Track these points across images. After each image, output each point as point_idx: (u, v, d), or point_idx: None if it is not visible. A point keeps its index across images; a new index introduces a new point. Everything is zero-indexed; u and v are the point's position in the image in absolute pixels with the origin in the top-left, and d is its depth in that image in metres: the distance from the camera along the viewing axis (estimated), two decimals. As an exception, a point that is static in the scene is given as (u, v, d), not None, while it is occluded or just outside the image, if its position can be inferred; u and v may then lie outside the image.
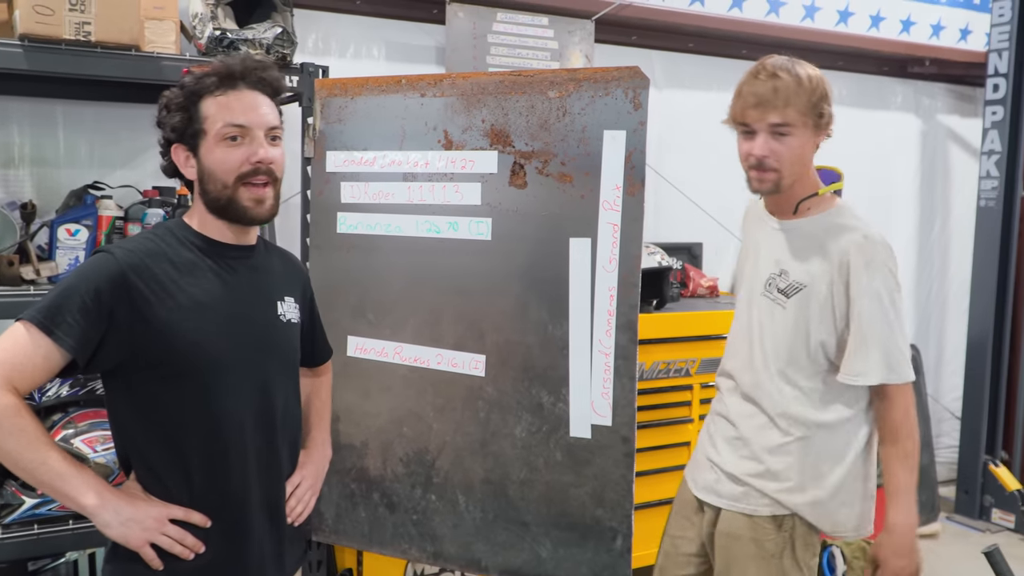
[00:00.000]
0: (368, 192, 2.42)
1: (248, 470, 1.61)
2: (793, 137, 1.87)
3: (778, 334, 1.96)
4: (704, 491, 2.07)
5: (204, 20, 2.60)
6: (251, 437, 1.61)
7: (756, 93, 1.86)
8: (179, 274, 1.55)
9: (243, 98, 1.57)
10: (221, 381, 1.56)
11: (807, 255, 1.94)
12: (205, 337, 1.54)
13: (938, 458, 4.79)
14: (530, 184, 2.23)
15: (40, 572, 2.57)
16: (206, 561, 1.56)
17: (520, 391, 2.27)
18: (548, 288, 2.22)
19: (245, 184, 1.56)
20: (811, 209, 1.97)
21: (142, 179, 2.83)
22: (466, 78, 2.32)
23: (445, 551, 2.38)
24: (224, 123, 1.55)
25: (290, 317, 1.72)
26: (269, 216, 1.61)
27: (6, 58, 2.23)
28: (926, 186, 5.00)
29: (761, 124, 1.87)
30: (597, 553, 2.21)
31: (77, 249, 2.40)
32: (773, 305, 1.97)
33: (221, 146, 1.56)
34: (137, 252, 1.53)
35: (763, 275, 2.01)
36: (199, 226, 1.62)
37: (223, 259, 1.62)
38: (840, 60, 4.52)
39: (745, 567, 1.98)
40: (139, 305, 1.49)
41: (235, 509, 1.60)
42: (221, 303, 1.58)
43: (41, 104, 2.88)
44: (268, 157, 1.57)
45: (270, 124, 1.60)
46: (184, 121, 1.58)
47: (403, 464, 2.41)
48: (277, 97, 1.65)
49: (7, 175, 2.87)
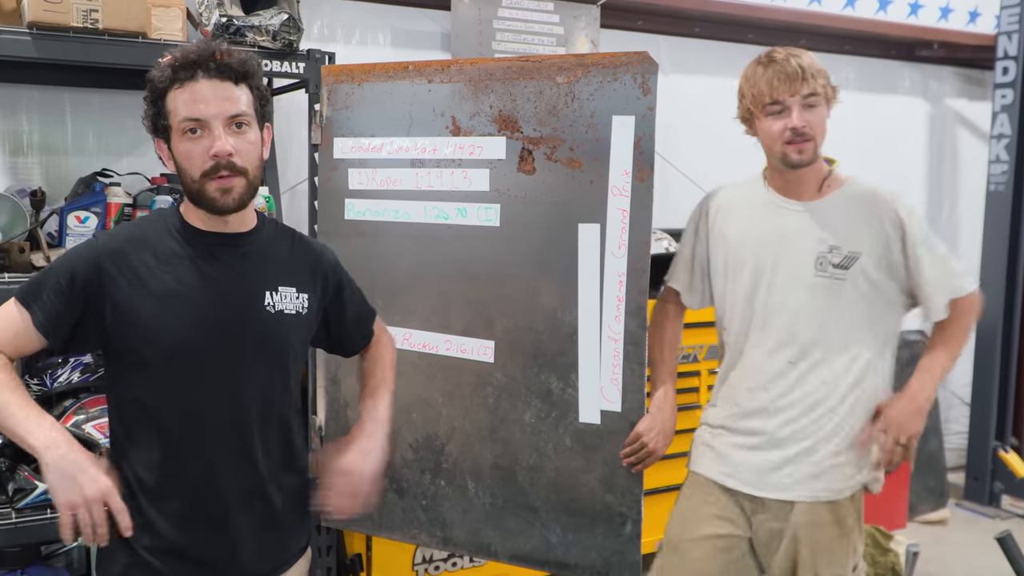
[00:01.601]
0: (376, 179, 2.42)
1: (216, 460, 1.59)
2: (821, 108, 2.01)
3: (845, 308, 2.01)
4: (767, 488, 2.06)
5: (210, 7, 2.60)
6: (220, 428, 1.59)
7: (782, 72, 1.97)
8: (157, 262, 1.56)
9: (200, 89, 1.52)
10: (186, 370, 1.56)
11: (855, 225, 2.03)
12: (171, 325, 1.54)
13: (947, 444, 4.78)
14: (539, 170, 2.23)
15: (52, 556, 2.60)
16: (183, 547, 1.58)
17: (529, 377, 2.27)
18: (557, 274, 2.21)
19: (211, 177, 1.53)
20: (831, 186, 2.07)
21: (149, 166, 2.83)
22: (474, 64, 2.31)
23: (454, 536, 2.39)
24: (181, 117, 1.52)
25: (282, 307, 1.66)
26: (238, 206, 1.57)
27: (15, 46, 2.23)
28: (934, 171, 4.98)
29: (795, 97, 1.97)
30: (607, 538, 2.22)
31: (87, 236, 2.40)
32: (832, 282, 2.01)
33: (184, 141, 1.53)
34: (119, 238, 1.59)
35: (807, 257, 2.03)
36: (185, 214, 1.63)
37: (204, 248, 1.60)
38: (847, 44, 4.49)
39: (832, 551, 2.04)
40: (110, 290, 1.53)
41: (205, 499, 1.59)
42: (195, 292, 1.57)
43: (49, 92, 2.89)
44: (224, 149, 1.51)
45: (229, 113, 1.53)
46: (154, 116, 1.57)
47: (412, 450, 2.42)
48: (246, 80, 1.58)
49: (16, 163, 2.88)
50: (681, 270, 2.24)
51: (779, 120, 1.99)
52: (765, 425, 2.06)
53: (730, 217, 2.15)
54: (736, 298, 2.11)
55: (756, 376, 2.08)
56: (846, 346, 2.02)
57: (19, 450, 2.34)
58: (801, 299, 2.03)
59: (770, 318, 2.06)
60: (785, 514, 2.05)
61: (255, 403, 1.63)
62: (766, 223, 2.09)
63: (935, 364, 2.07)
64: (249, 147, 1.57)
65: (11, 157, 2.86)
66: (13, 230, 2.30)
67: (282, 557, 1.72)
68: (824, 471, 2.03)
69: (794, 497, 2.04)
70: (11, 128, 2.86)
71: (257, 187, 1.61)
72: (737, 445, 2.10)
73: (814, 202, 2.06)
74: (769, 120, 2.00)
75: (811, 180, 2.07)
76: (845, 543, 2.06)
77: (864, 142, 4.59)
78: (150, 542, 1.57)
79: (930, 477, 4.52)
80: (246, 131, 1.57)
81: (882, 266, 2.02)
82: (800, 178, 2.06)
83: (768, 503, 2.06)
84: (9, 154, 2.86)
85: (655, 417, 2.16)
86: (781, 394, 2.05)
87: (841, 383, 2.03)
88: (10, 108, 2.85)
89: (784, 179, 2.08)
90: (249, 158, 1.57)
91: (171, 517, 1.58)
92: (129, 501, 1.55)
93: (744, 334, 2.11)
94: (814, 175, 2.06)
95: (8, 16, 2.41)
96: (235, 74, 1.55)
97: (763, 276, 2.07)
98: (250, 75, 1.58)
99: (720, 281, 2.16)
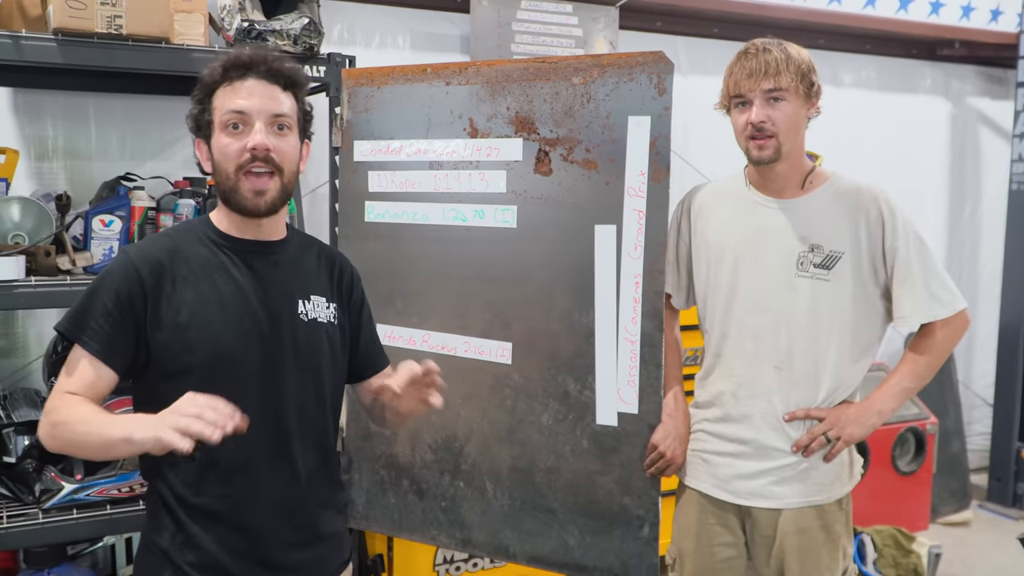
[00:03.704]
0: (395, 181, 2.44)
1: (254, 469, 1.58)
2: (786, 103, 1.93)
3: (830, 309, 1.97)
4: (752, 496, 2.04)
5: (232, 12, 2.63)
6: (260, 438, 1.55)
7: (748, 66, 1.94)
8: (192, 271, 1.56)
9: (248, 87, 1.55)
10: (225, 377, 1.54)
11: (836, 223, 1.97)
12: (210, 332, 1.54)
13: (970, 445, 4.74)
14: (555, 171, 2.24)
15: (79, 556, 2.63)
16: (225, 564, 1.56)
17: (546, 379, 2.28)
18: (574, 276, 2.22)
19: (247, 174, 1.54)
20: (814, 183, 2.02)
21: (172, 170, 2.87)
22: (490, 66, 2.32)
23: (473, 538, 2.40)
24: (226, 110, 1.54)
25: (315, 316, 1.66)
26: (269, 209, 1.57)
27: (41, 52, 2.27)
28: (956, 170, 4.93)
29: (755, 91, 1.93)
30: (624, 541, 2.22)
31: (111, 239, 2.43)
32: (815, 282, 1.97)
33: (224, 135, 1.54)
34: (152, 249, 1.57)
35: (788, 257, 1.99)
36: (218, 222, 1.63)
37: (239, 255, 1.60)
38: (867, 43, 4.47)
39: (818, 557, 2.02)
40: (152, 301, 1.53)
41: (241, 511, 1.58)
42: (232, 300, 1.57)
43: (73, 97, 2.93)
44: (262, 143, 1.52)
45: (273, 111, 1.55)
46: (199, 113, 1.58)
47: (432, 451, 2.43)
48: (294, 89, 1.60)
49: (41, 167, 2.92)
50: (668, 271, 2.19)
51: (742, 114, 1.96)
52: (747, 432, 2.04)
53: (711, 215, 2.12)
54: (717, 298, 2.08)
55: (737, 379, 2.05)
56: (827, 351, 1.98)
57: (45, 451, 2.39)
58: (782, 300, 1.99)
59: (750, 319, 2.02)
60: (773, 522, 2.03)
61: (293, 412, 1.62)
62: (746, 221, 2.05)
63: (894, 381, 2.03)
64: (288, 149, 1.58)
65: (36, 162, 2.90)
66: (39, 234, 2.34)
67: (322, 571, 1.71)
68: (808, 477, 2.01)
69: (781, 505, 2.02)
70: (36, 133, 2.90)
71: (290, 194, 1.61)
72: (723, 453, 2.08)
73: (795, 199, 2.01)
74: (735, 113, 1.99)
75: (791, 176, 2.02)
76: (833, 548, 2.03)
77: (885, 141, 4.57)
78: (194, 558, 1.56)
79: (953, 478, 4.48)
80: (287, 134, 1.58)
81: (864, 267, 1.97)
82: (777, 174, 2.01)
83: (755, 512, 2.05)
84: (35, 159, 2.90)
85: (667, 425, 2.14)
86: (764, 400, 2.02)
87: (822, 389, 2.00)
88: (35, 113, 2.90)
89: (762, 176, 2.04)
90: (286, 159, 1.57)
91: (212, 531, 1.56)
92: (169, 519, 1.56)
93: (724, 335, 2.07)
94: (794, 171, 2.01)
95: (33, 23, 2.44)
96: (284, 79, 1.59)
97: (742, 276, 2.03)
98: (298, 85, 1.62)
99: (702, 281, 2.13)
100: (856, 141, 4.41)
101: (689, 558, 2.15)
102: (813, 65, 1.97)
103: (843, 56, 4.46)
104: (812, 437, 1.98)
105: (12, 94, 2.86)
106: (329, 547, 1.71)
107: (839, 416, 1.98)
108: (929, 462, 3.97)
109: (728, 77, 1.99)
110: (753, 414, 2.03)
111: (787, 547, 2.02)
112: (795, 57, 1.94)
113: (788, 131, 1.94)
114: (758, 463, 2.03)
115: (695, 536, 2.13)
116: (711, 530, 2.11)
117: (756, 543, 2.07)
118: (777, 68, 1.91)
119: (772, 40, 1.97)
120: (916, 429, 3.94)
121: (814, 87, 1.97)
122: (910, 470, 3.94)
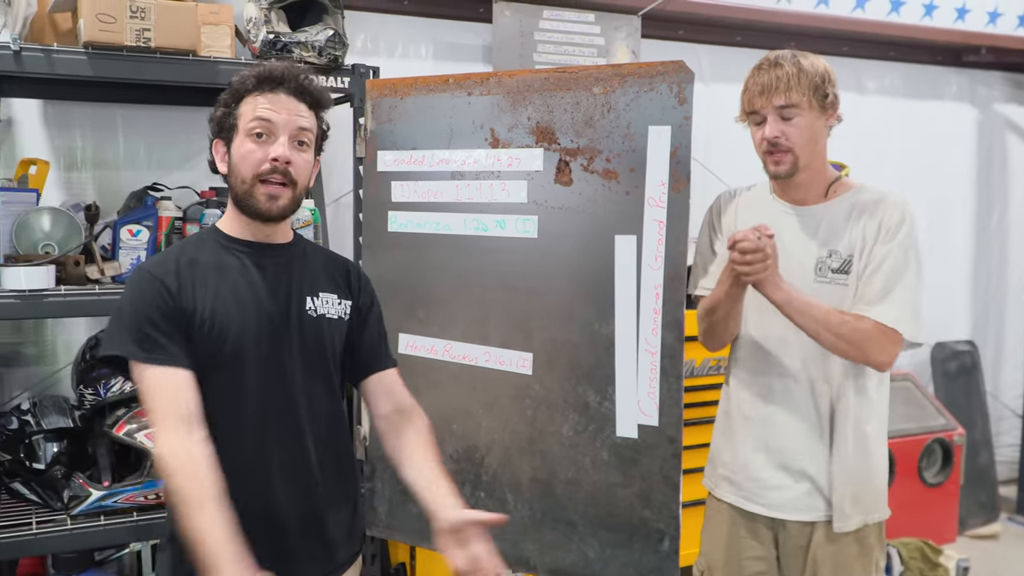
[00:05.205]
0: (417, 191, 2.46)
1: (271, 466, 1.63)
2: (800, 118, 1.92)
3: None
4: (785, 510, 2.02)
5: (258, 24, 2.66)
6: (271, 430, 1.64)
7: (760, 82, 1.94)
8: (206, 273, 1.62)
9: (278, 99, 1.62)
10: (242, 375, 1.61)
11: (850, 228, 1.96)
12: (229, 332, 1.60)
13: (998, 457, 4.67)
14: (575, 181, 2.24)
15: (106, 562, 2.66)
16: None
17: (567, 390, 2.28)
18: (594, 286, 2.22)
19: (263, 182, 1.60)
20: (837, 192, 2.01)
21: (199, 180, 2.90)
22: (512, 76, 2.33)
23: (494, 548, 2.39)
24: (254, 117, 1.60)
25: (324, 311, 1.72)
26: (280, 215, 1.64)
27: (72, 65, 2.31)
28: (983, 177, 4.87)
29: (768, 107, 1.93)
30: (644, 554, 2.21)
31: (139, 249, 2.47)
32: (835, 288, 1.96)
33: (247, 141, 1.61)
34: (165, 260, 1.64)
35: (808, 262, 1.99)
36: (228, 227, 1.69)
37: (251, 257, 1.66)
38: (892, 50, 4.43)
39: (851, 569, 2.00)
40: (181, 306, 1.58)
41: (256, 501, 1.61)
42: (246, 299, 1.63)
43: (102, 109, 2.97)
44: (284, 155, 1.59)
45: (298, 125, 1.62)
46: (224, 116, 1.64)
47: (453, 461, 2.44)
48: (318, 108, 1.68)
49: (71, 178, 2.97)
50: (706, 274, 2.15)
51: (759, 130, 1.96)
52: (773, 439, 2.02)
53: (735, 223, 2.11)
54: None
55: (761, 389, 2.04)
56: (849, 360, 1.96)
57: (74, 458, 2.43)
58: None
59: (772, 324, 2.00)
60: (806, 534, 2.02)
61: (304, 404, 1.67)
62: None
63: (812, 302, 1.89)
64: (304, 164, 1.65)
65: (66, 172, 2.95)
66: (69, 244, 2.38)
67: (331, 564, 1.75)
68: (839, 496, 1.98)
69: (813, 518, 2.00)
70: (66, 144, 2.95)
71: (299, 203, 1.68)
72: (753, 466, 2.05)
73: (816, 206, 2.01)
74: (752, 127, 1.99)
75: (813, 186, 2.01)
76: (866, 561, 2.01)
77: (910, 149, 4.52)
78: None
79: (981, 491, 4.42)
80: (305, 150, 1.66)
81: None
82: (798, 185, 2.01)
83: (789, 524, 2.03)
84: (64, 169, 2.95)
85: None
86: (786, 405, 2.01)
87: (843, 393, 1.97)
88: (65, 125, 2.94)
89: (782, 187, 2.04)
90: (301, 173, 1.65)
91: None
92: None
93: (746, 340, 2.06)
94: (815, 181, 2.01)
95: (64, 36, 2.49)
96: (311, 98, 1.66)
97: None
98: (323, 105, 1.69)
99: None
100: (881, 148, 4.37)
101: (719, 571, 2.12)
102: (829, 75, 1.95)
103: (867, 63, 4.43)
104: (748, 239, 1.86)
105: (43, 106, 2.91)
106: (339, 537, 1.76)
107: (770, 258, 1.86)
108: (956, 474, 3.92)
109: (743, 92, 1.99)
110: (776, 420, 2.02)
111: (820, 559, 2.00)
112: (808, 70, 1.92)
113: (804, 144, 1.94)
114: (787, 476, 2.01)
115: (725, 548, 2.11)
116: (742, 543, 2.09)
117: (788, 555, 2.05)
118: (788, 83, 1.90)
119: (785, 53, 1.96)
120: (943, 440, 3.89)
121: (829, 98, 1.95)
122: (937, 482, 3.89)
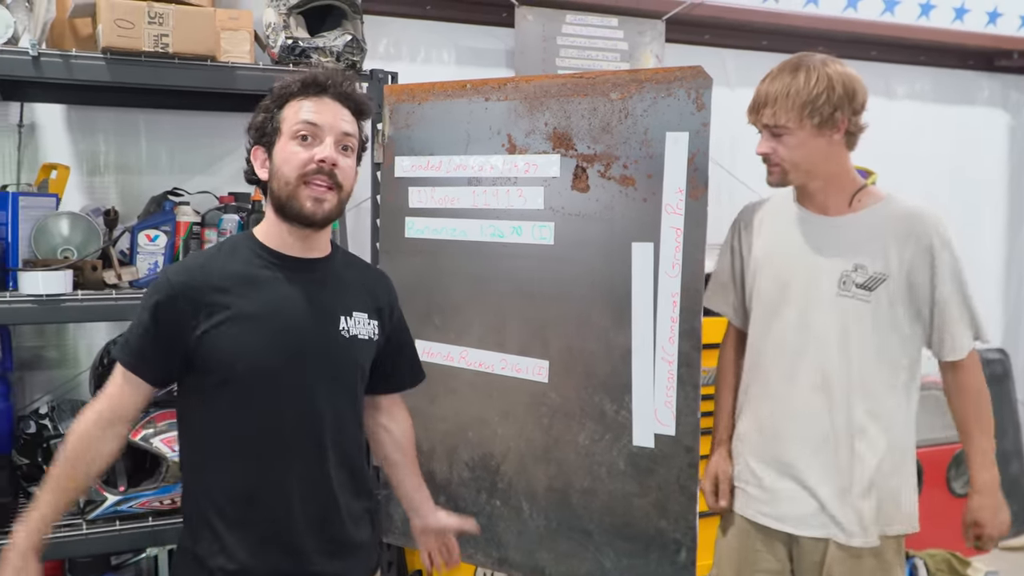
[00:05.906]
0: (435, 197, 2.45)
1: (289, 483, 1.62)
2: (789, 136, 1.90)
3: (866, 333, 1.91)
4: (800, 526, 1.99)
5: (277, 29, 2.66)
6: (296, 451, 1.63)
7: (755, 95, 1.95)
8: (231, 285, 1.60)
9: (324, 103, 1.62)
10: (264, 392, 1.59)
11: (883, 244, 1.91)
12: (251, 347, 1.58)
13: (1030, 468, 4.57)
14: (592, 187, 2.22)
15: (122, 567, 2.67)
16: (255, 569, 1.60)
17: (583, 398, 2.25)
18: (610, 294, 2.20)
19: (307, 183, 1.58)
20: (863, 201, 1.96)
21: (219, 185, 2.91)
22: (529, 81, 2.31)
23: (510, 558, 2.38)
24: (299, 120, 1.60)
25: (356, 332, 1.70)
26: (324, 220, 1.62)
27: (90, 71, 2.32)
28: (1016, 183, 4.77)
29: (756, 124, 1.95)
30: (661, 565, 2.18)
31: (156, 254, 2.47)
32: (856, 303, 1.91)
33: (291, 144, 1.60)
34: (189, 268, 1.63)
35: (831, 275, 1.94)
36: (264, 237, 1.66)
37: (283, 271, 1.64)
38: (922, 55, 4.35)
39: None
40: (190, 316, 1.57)
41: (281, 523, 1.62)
42: (274, 315, 1.60)
43: (124, 113, 2.99)
44: (331, 156, 1.59)
45: (343, 130, 1.62)
46: (265, 121, 1.64)
47: (468, 469, 2.42)
48: (360, 115, 1.68)
49: (93, 182, 2.98)
50: (723, 292, 2.18)
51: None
52: (787, 455, 1.99)
53: (761, 231, 2.09)
54: (757, 314, 2.05)
55: (777, 401, 2.01)
56: (864, 373, 1.92)
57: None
58: (822, 320, 1.94)
59: (789, 337, 1.98)
60: (820, 549, 1.98)
61: (329, 426, 1.66)
62: (790, 237, 2.01)
63: (982, 445, 2.04)
64: (349, 169, 1.64)
65: (88, 176, 2.97)
66: (87, 248, 2.39)
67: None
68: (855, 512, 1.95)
69: (826, 534, 1.97)
70: (89, 148, 2.97)
71: (342, 211, 1.67)
72: (767, 479, 2.03)
73: (842, 217, 1.97)
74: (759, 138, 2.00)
75: (832, 194, 1.97)
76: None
77: (940, 154, 4.44)
78: (225, 563, 1.60)
79: (1012, 501, 4.25)
80: (349, 155, 1.65)
81: (905, 293, 1.92)
82: (814, 192, 1.98)
83: (802, 540, 2.00)
84: (87, 174, 2.97)
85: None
86: (802, 421, 1.97)
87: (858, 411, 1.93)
88: (88, 129, 2.96)
89: (799, 192, 2.02)
90: (347, 177, 1.64)
91: (245, 541, 1.61)
92: (206, 528, 1.60)
93: (762, 351, 2.04)
94: (834, 189, 1.97)
95: (84, 42, 2.51)
96: (355, 104, 1.67)
97: (784, 292, 2.00)
98: (364, 113, 1.70)
99: (749, 296, 2.11)
100: (910, 154, 4.30)
101: None
102: (832, 92, 1.86)
103: (896, 67, 4.35)
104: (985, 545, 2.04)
105: (66, 111, 2.93)
106: (357, 556, 1.75)
107: (986, 522, 2.05)
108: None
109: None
110: (792, 435, 1.98)
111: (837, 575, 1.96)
112: (802, 88, 1.86)
113: (797, 161, 1.92)
114: (803, 492, 1.98)
115: (737, 561, 2.09)
116: (755, 556, 2.06)
117: (804, 570, 2.01)
118: (775, 102, 1.88)
119: (789, 63, 1.93)
120: (972, 451, 3.80)
121: (824, 117, 1.87)
122: (966, 492, 3.79)
